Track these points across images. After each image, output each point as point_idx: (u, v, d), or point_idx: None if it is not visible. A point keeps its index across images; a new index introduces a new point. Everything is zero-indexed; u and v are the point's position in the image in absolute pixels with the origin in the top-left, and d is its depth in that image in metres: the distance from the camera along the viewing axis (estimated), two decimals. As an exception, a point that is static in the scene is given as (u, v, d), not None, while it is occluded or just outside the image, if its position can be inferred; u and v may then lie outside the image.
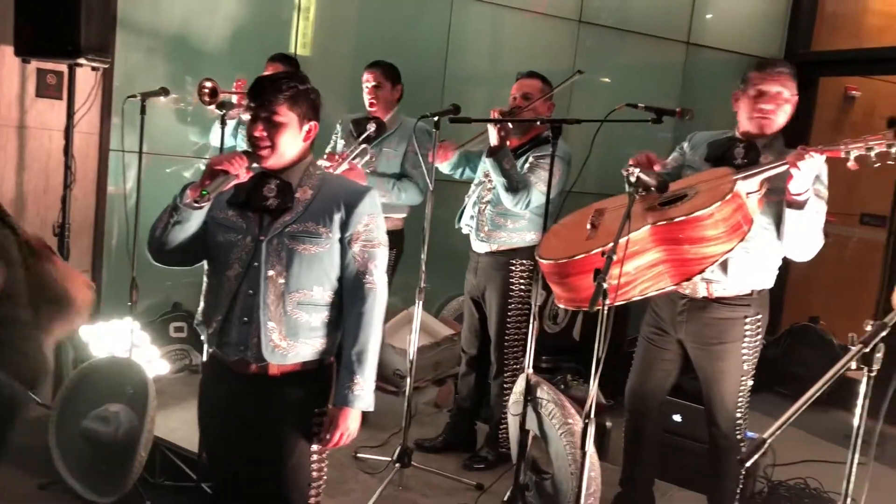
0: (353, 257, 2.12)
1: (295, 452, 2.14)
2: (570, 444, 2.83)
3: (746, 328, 2.81)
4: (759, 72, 2.80)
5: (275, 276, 2.07)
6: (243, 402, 2.14)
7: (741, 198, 2.44)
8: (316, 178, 2.15)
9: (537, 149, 3.49)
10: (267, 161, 2.09)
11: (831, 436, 4.51)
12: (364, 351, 2.12)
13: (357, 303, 2.12)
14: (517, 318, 3.58)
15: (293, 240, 2.08)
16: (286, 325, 2.08)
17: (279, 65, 4.11)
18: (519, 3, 4.95)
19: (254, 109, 2.08)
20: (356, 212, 2.11)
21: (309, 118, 2.12)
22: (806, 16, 5.68)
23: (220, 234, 2.12)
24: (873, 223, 5.43)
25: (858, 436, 1.85)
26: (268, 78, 2.11)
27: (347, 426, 2.12)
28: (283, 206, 2.08)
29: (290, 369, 2.12)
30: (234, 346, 2.11)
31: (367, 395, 2.14)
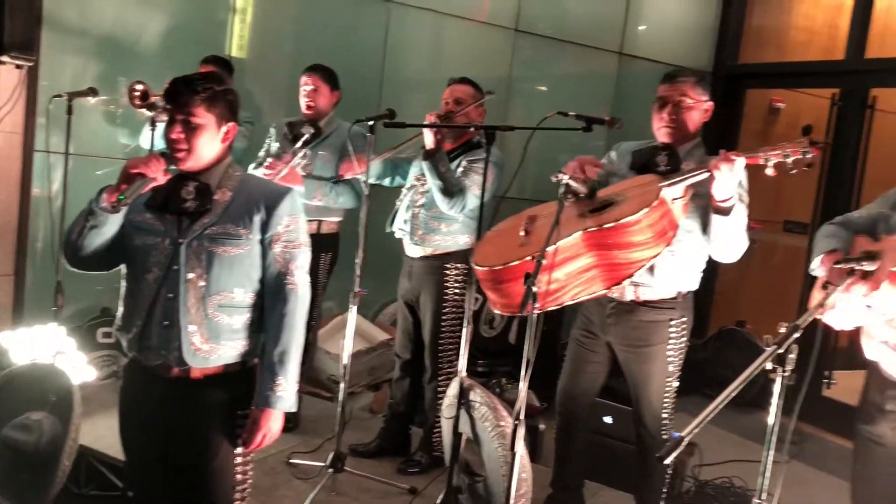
0: (275, 258, 2.12)
1: (218, 455, 2.12)
2: (501, 445, 2.86)
3: (671, 330, 2.90)
4: (662, 84, 2.92)
5: (195, 279, 2.05)
6: (165, 407, 2.11)
7: (667, 204, 2.52)
8: (235, 180, 2.14)
9: (469, 153, 3.53)
10: (184, 163, 2.07)
11: (756, 436, 4.64)
12: (286, 352, 2.11)
13: (279, 304, 2.12)
14: (451, 322, 3.61)
15: (213, 242, 2.06)
16: (207, 327, 2.06)
17: (212, 67, 4.07)
18: (457, 10, 4.99)
19: (170, 111, 2.06)
20: (276, 213, 2.11)
21: (227, 119, 2.11)
22: (734, 29, 5.86)
23: (138, 238, 2.09)
24: (796, 230, 5.61)
25: (773, 434, 1.92)
26: (183, 79, 2.09)
27: (270, 427, 2.12)
28: (201, 209, 2.07)
29: (213, 372, 2.10)
30: (154, 351, 2.08)
31: (290, 396, 2.13)
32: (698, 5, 5.89)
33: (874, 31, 5.21)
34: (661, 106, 2.89)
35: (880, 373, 2.43)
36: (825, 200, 5.10)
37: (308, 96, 3.89)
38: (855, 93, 5.00)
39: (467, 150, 3.56)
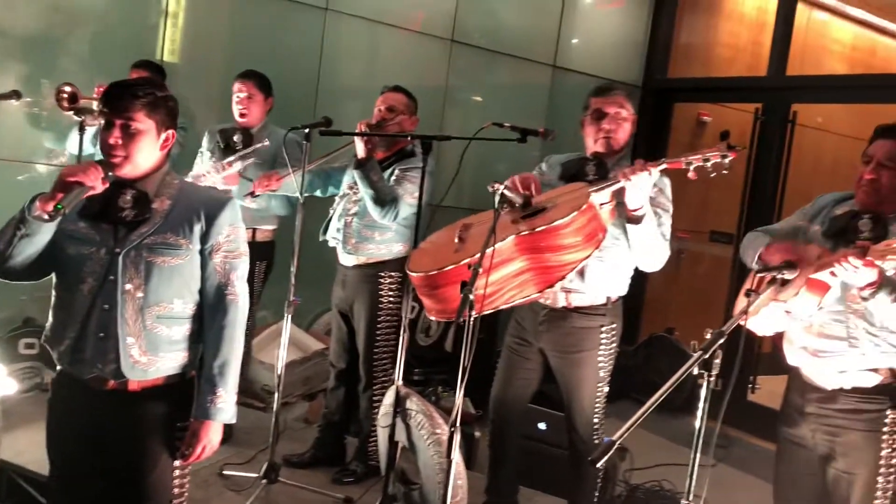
0: (215, 269, 2.09)
1: (156, 468, 2.07)
2: (437, 453, 2.87)
3: (602, 336, 2.97)
4: (598, 96, 3.03)
5: (132, 290, 2.00)
6: (100, 420, 2.05)
7: (595, 208, 2.60)
8: (173, 188, 2.09)
9: (402, 161, 3.54)
10: (120, 169, 2.01)
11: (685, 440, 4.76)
12: (226, 363, 2.08)
13: (219, 315, 2.09)
14: (386, 330, 3.61)
15: (151, 252, 2.01)
16: (146, 339, 2.01)
17: (144, 72, 3.99)
18: (393, 19, 5.00)
19: (108, 115, 2.00)
20: (217, 222, 2.07)
21: (167, 126, 2.06)
22: (662, 45, 6.04)
23: (72, 247, 2.02)
24: (722, 240, 5.80)
25: (700, 437, 1.98)
26: (123, 83, 2.04)
27: (210, 439, 2.08)
28: (139, 218, 2.01)
29: (151, 384, 2.06)
30: (88, 363, 2.02)
31: (230, 407, 2.10)
32: (629, 21, 6.04)
33: (794, 50, 5.44)
34: (599, 118, 2.99)
35: (801, 377, 2.53)
36: (749, 211, 5.28)
37: (241, 103, 3.85)
38: (777, 108, 5.20)
39: (400, 159, 3.56)
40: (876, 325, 2.31)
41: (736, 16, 6.42)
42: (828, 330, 2.39)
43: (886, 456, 2.36)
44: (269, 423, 3.37)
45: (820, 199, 2.63)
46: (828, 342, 2.39)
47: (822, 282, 2.25)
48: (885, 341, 2.33)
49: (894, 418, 2.36)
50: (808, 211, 2.63)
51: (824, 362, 2.41)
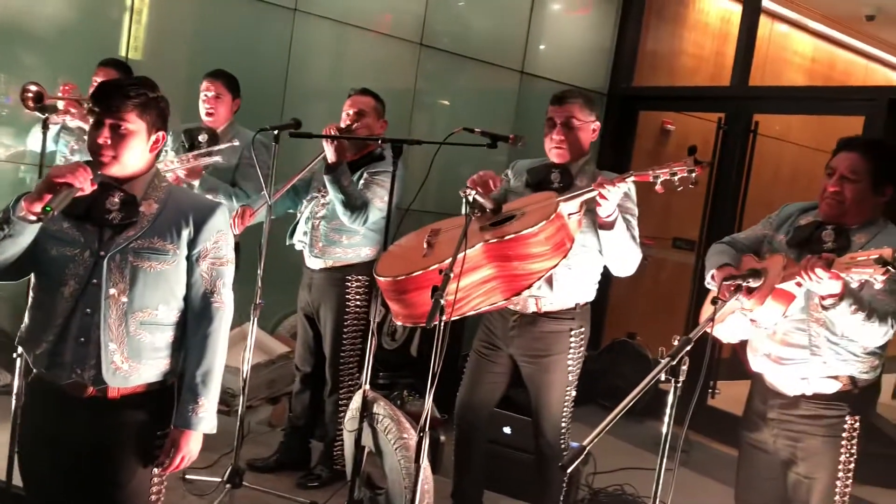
0: (201, 275, 2.04)
1: (135, 476, 2.02)
2: (404, 458, 2.87)
3: (571, 340, 3.00)
4: (551, 105, 3.05)
5: (117, 295, 1.94)
6: (75, 427, 1.99)
7: (563, 218, 2.62)
8: (162, 191, 2.04)
9: (371, 165, 3.53)
10: (108, 169, 1.96)
11: (645, 443, 4.83)
12: (209, 372, 2.04)
13: (204, 323, 2.05)
14: (352, 334, 3.60)
15: (137, 256, 1.96)
16: (129, 346, 1.96)
17: (111, 70, 3.92)
18: (362, 21, 4.98)
19: (98, 115, 1.94)
20: (205, 228, 2.03)
21: (158, 128, 2.01)
22: (628, 54, 6.11)
23: (54, 248, 1.96)
24: (684, 247, 5.89)
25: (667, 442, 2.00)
26: (115, 83, 1.99)
27: (189, 449, 2.04)
28: (126, 221, 1.96)
29: (131, 391, 2.00)
30: (67, 368, 1.95)
31: (211, 416, 2.06)
32: (596, 29, 6.10)
33: (757, 60, 5.55)
34: (551, 127, 3.02)
35: (764, 383, 2.58)
36: (711, 219, 5.37)
37: (209, 103, 3.80)
38: (739, 118, 5.30)
39: (369, 162, 3.55)
40: (837, 335, 2.37)
41: (700, 26, 6.53)
42: (790, 338, 2.44)
43: (845, 461, 2.42)
44: (231, 427, 3.33)
45: (785, 209, 2.69)
46: (790, 350, 2.44)
47: (788, 292, 2.30)
48: (846, 350, 2.39)
49: (852, 424, 2.42)
50: (774, 220, 2.69)
51: (787, 369, 2.47)
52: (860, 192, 2.43)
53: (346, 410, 3.47)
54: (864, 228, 2.44)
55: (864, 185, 2.43)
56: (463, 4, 5.51)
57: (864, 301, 2.22)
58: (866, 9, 6.34)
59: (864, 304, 2.22)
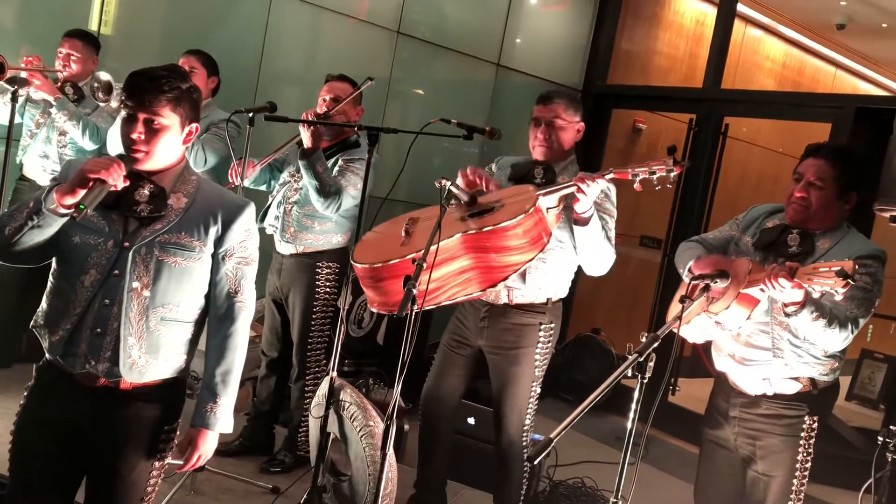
0: (226, 274, 2.01)
1: (136, 468, 1.98)
2: (369, 445, 2.88)
3: (541, 334, 3.02)
4: (537, 104, 3.07)
5: (140, 289, 1.90)
6: (82, 414, 1.94)
7: (542, 212, 2.63)
8: (191, 185, 2.00)
9: (346, 152, 3.52)
10: (142, 164, 1.92)
11: (605, 438, 4.90)
12: (230, 371, 2.02)
13: (226, 322, 2.02)
14: (321, 321, 3.59)
15: (163, 251, 1.92)
16: (148, 341, 1.92)
17: (76, 41, 3.85)
18: (338, 6, 4.95)
19: (132, 109, 1.89)
20: (234, 227, 2.00)
21: (191, 120, 1.97)
22: (603, 51, 6.15)
23: (77, 236, 1.91)
24: (651, 245, 5.97)
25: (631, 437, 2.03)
26: (147, 75, 1.92)
27: (206, 448, 2.02)
28: (154, 213, 1.92)
29: (143, 384, 1.96)
30: (81, 358, 1.91)
31: (228, 416, 2.04)
32: (572, 25, 6.13)
33: (729, 63, 5.62)
34: (536, 125, 3.04)
35: (727, 382, 2.63)
36: (679, 218, 5.44)
37: None
38: (710, 119, 5.37)
39: (344, 149, 3.54)
40: (799, 338, 2.43)
41: (675, 27, 6.60)
42: (754, 340, 2.49)
43: (802, 460, 2.48)
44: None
45: (753, 211, 2.74)
46: (754, 351, 2.50)
47: (752, 296, 2.34)
48: (807, 353, 2.45)
49: (811, 424, 2.48)
50: (741, 221, 2.74)
51: (749, 370, 2.52)
52: (826, 199, 2.48)
53: (311, 397, 3.47)
54: (829, 234, 2.50)
55: (830, 191, 2.48)
56: (441, -6, 5.51)
57: (826, 308, 2.28)
58: (837, 18, 6.46)
59: (826, 311, 2.27)
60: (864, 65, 7.72)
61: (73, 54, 3.83)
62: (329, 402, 2.96)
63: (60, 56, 3.83)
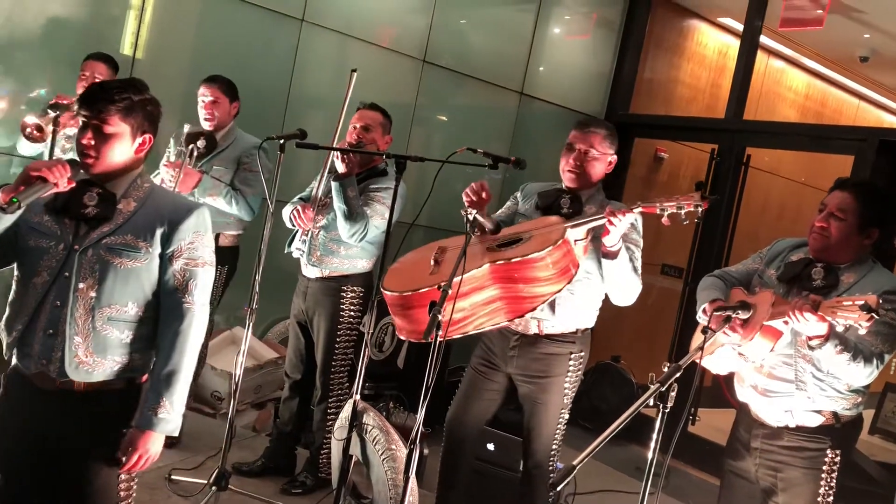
0: (173, 275, 2.05)
1: (101, 474, 2.03)
2: (391, 469, 2.90)
3: (570, 363, 3.03)
4: (575, 130, 3.06)
5: (85, 289, 1.98)
6: (43, 419, 2.01)
7: (570, 244, 2.66)
8: (143, 191, 2.08)
9: (372, 180, 3.57)
10: (94, 170, 2.02)
11: (625, 467, 4.88)
12: (175, 372, 2.04)
13: (173, 322, 2.05)
14: (345, 344, 3.63)
15: (109, 252, 1.99)
16: (94, 340, 1.99)
17: (99, 64, 3.93)
18: (365, 34, 5.04)
19: (84, 117, 2.00)
20: (181, 228, 2.05)
21: (144, 131, 2.06)
22: (626, 80, 6.20)
23: (32, 240, 2.01)
24: (672, 274, 5.97)
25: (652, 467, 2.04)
26: (100, 86, 2.03)
27: (147, 449, 2.03)
28: (102, 216, 2.00)
29: (97, 387, 2.02)
30: (35, 359, 1.99)
31: (174, 418, 2.05)
32: (596, 54, 6.19)
33: (752, 94, 5.65)
34: (569, 150, 3.03)
35: (749, 413, 2.63)
36: (700, 247, 5.45)
37: (206, 108, 3.85)
38: (732, 150, 5.39)
39: (370, 177, 3.60)
40: (823, 371, 2.43)
41: (698, 57, 6.64)
42: (777, 372, 2.50)
43: (824, 493, 2.47)
44: (216, 429, 3.35)
45: (777, 244, 2.75)
46: (776, 383, 2.50)
47: (776, 328, 2.36)
48: (831, 386, 2.45)
49: (833, 458, 2.47)
50: (765, 255, 2.75)
51: (772, 401, 2.52)
52: (845, 230, 2.49)
53: (334, 419, 3.50)
54: (853, 268, 2.50)
55: (850, 224, 2.49)
56: (466, 23, 5.59)
57: (850, 342, 2.28)
58: (861, 50, 6.47)
59: (850, 345, 2.27)
60: (888, 97, 7.71)
61: (96, 76, 3.92)
62: (352, 425, 2.99)
63: (84, 78, 3.91)
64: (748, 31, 5.60)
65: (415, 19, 5.27)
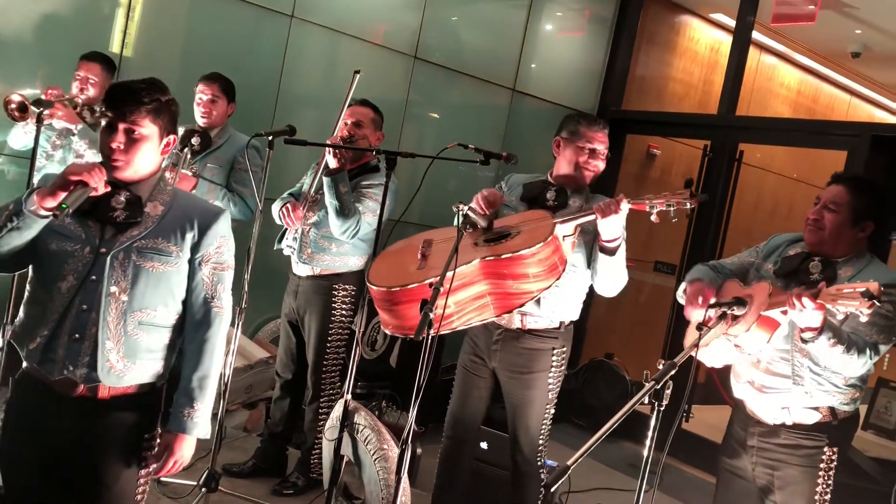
0: (202, 280, 2.05)
1: (121, 478, 2.00)
2: (383, 469, 2.87)
3: (553, 359, 3.01)
4: (592, 129, 3.03)
5: (117, 293, 1.94)
6: (62, 425, 1.97)
7: (559, 240, 2.64)
8: (167, 194, 2.06)
9: (364, 177, 3.54)
10: (121, 173, 1.97)
11: (618, 464, 4.86)
12: (206, 377, 2.05)
13: (203, 327, 2.05)
14: (336, 343, 3.59)
15: (141, 256, 1.96)
16: (125, 345, 1.95)
17: (94, 65, 3.89)
18: (357, 31, 5.00)
19: (112, 119, 1.94)
20: (210, 233, 2.04)
21: (169, 131, 2.03)
22: (618, 77, 6.17)
23: (54, 242, 1.95)
24: (665, 271, 5.94)
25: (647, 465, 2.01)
26: (127, 87, 1.98)
27: (182, 454, 2.04)
28: (131, 220, 1.97)
29: (122, 392, 1.99)
30: (59, 364, 1.94)
31: (205, 422, 2.06)
32: (587, 51, 6.16)
33: (744, 90, 5.63)
34: (592, 151, 3.02)
35: (745, 410, 2.61)
36: (693, 244, 5.43)
37: (204, 106, 3.81)
38: (725, 146, 5.37)
39: (363, 174, 3.56)
40: (820, 366, 2.41)
41: (690, 54, 6.62)
42: (774, 367, 2.48)
43: (821, 492, 2.45)
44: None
45: (774, 239, 2.73)
46: (774, 379, 2.48)
47: (773, 319, 2.33)
48: (828, 381, 2.43)
49: (830, 455, 2.46)
50: (762, 249, 2.73)
51: (769, 398, 2.50)
52: (838, 223, 2.49)
53: (325, 419, 3.46)
54: (851, 262, 2.49)
55: (843, 216, 2.49)
56: (457, 19, 5.55)
57: (843, 334, 2.27)
58: (853, 46, 6.46)
59: (843, 337, 2.26)
60: (880, 93, 7.71)
61: (90, 77, 3.87)
62: (343, 425, 2.96)
63: (78, 79, 3.87)
64: (740, 26, 5.59)
65: (406, 16, 5.23)
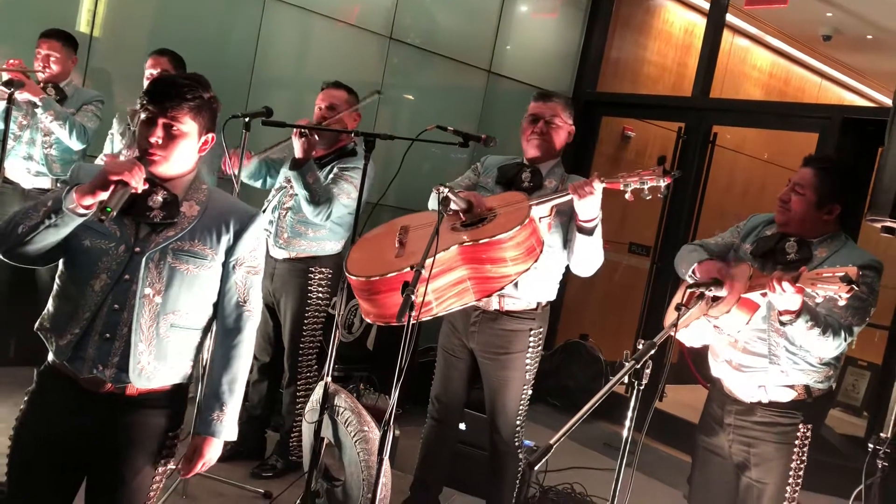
0: (235, 283, 2.01)
1: (140, 474, 1.97)
2: (364, 451, 2.87)
3: (531, 339, 3.04)
4: (536, 101, 3.10)
5: (152, 295, 1.89)
6: (85, 421, 1.92)
7: (535, 222, 2.65)
8: (202, 193, 2.00)
9: (341, 160, 3.51)
10: (156, 168, 1.91)
11: (593, 443, 4.92)
12: (236, 380, 2.03)
13: (234, 330, 2.02)
14: (313, 325, 3.58)
15: (176, 258, 1.91)
16: (157, 346, 1.91)
17: (55, 42, 3.81)
18: (330, 11, 4.95)
19: (152, 113, 1.89)
20: (245, 236, 2.00)
21: (208, 129, 1.97)
22: (593, 59, 6.18)
23: (88, 239, 1.89)
24: (640, 252, 6.00)
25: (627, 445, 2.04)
26: (171, 81, 1.93)
27: (210, 456, 2.03)
28: (167, 220, 1.92)
29: (149, 392, 1.95)
30: (88, 363, 1.89)
31: (233, 424, 2.05)
32: (563, 33, 6.16)
33: (717, 72, 5.67)
34: (533, 121, 3.05)
35: (722, 389, 2.65)
36: (667, 225, 5.48)
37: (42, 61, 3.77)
38: (699, 128, 5.41)
39: (340, 157, 3.54)
40: (795, 345, 2.45)
41: (664, 36, 6.64)
42: (751, 346, 2.52)
43: (795, 467, 2.50)
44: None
45: (753, 219, 2.77)
46: (751, 358, 2.52)
47: (753, 301, 2.36)
48: (803, 360, 2.47)
49: (805, 432, 2.51)
50: (742, 229, 2.77)
51: (745, 376, 2.54)
52: (803, 205, 2.53)
53: (303, 401, 3.46)
54: (825, 243, 2.53)
55: (808, 198, 2.52)
56: (432, 1, 5.52)
57: (820, 317, 2.31)
58: (824, 29, 6.53)
59: (820, 320, 2.30)
60: (850, 76, 7.81)
61: (52, 55, 3.80)
62: (323, 407, 2.96)
63: (39, 57, 3.79)
64: (714, 9, 5.62)
65: (380, -4, 5.19)
